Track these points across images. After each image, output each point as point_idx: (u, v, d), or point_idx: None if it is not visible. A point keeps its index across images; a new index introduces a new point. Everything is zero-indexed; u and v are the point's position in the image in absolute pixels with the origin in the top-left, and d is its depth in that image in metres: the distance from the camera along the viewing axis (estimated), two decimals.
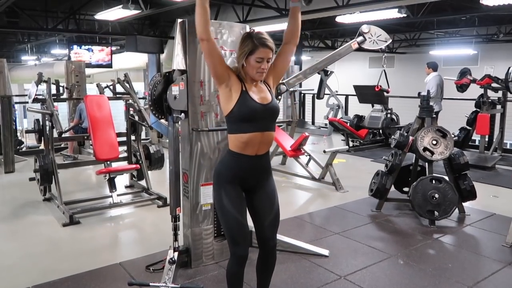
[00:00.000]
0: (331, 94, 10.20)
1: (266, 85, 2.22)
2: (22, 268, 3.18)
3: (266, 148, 2.19)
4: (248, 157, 2.13)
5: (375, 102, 8.59)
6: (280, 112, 11.62)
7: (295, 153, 5.77)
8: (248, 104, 2.07)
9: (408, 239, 3.68)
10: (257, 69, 2.08)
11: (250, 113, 2.07)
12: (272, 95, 2.20)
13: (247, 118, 2.08)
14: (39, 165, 4.30)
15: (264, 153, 2.19)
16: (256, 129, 2.09)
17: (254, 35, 2.10)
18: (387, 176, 4.33)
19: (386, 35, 3.26)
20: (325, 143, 8.98)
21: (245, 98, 2.08)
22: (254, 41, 2.07)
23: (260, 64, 2.07)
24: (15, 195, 5.23)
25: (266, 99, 2.15)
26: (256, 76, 2.10)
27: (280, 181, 5.82)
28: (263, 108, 2.11)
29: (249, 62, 2.08)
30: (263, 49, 2.06)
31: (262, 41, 2.07)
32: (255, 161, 2.16)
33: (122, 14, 6.59)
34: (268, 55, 2.08)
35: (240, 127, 2.09)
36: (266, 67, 2.10)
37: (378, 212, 4.37)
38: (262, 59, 2.07)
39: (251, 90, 2.12)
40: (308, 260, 3.23)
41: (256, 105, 2.09)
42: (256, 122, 2.09)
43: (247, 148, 2.11)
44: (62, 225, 4.04)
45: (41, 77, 4.60)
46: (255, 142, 2.10)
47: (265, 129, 2.12)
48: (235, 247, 2.17)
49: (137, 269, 3.09)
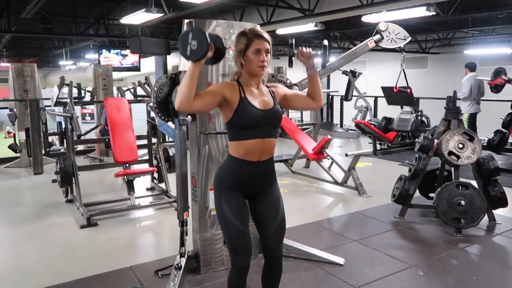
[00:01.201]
0: (359, 96, 9.95)
1: (271, 91, 2.13)
2: (35, 270, 3.22)
3: (269, 155, 2.10)
4: (250, 163, 2.04)
5: (404, 104, 8.29)
6: (307, 113, 11.48)
7: (317, 156, 5.62)
8: (248, 111, 1.99)
9: (430, 249, 3.47)
10: (257, 62, 1.99)
11: (250, 119, 1.99)
12: (275, 101, 2.10)
13: (247, 125, 2.00)
14: (59, 167, 4.38)
15: (266, 159, 2.09)
16: (257, 136, 2.01)
17: (247, 31, 2.03)
18: (411, 181, 4.12)
19: (405, 33, 3.09)
20: (352, 146, 8.75)
21: (244, 104, 1.99)
22: (248, 35, 2.00)
23: (259, 56, 1.98)
24: (40, 196, 5.36)
25: (267, 104, 2.06)
26: (257, 70, 2.01)
27: (302, 185, 5.70)
28: (264, 114, 2.02)
29: (247, 58, 2.00)
30: (258, 40, 1.98)
31: (255, 33, 2.00)
32: (257, 167, 2.07)
33: (145, 18, 6.68)
34: (265, 46, 1.99)
35: (240, 134, 2.01)
36: (266, 59, 2.00)
37: (401, 218, 4.16)
38: (259, 50, 1.98)
39: (250, 95, 2.03)
40: (322, 268, 3.09)
41: (256, 111, 2.00)
42: (257, 128, 2.00)
43: (248, 155, 2.03)
44: (80, 227, 4.08)
45: (63, 80, 4.70)
46: (256, 149, 2.02)
47: (266, 135, 2.03)
48: (235, 256, 2.08)
49: (146, 273, 3.06)
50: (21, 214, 4.57)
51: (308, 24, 7.80)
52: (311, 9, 7.00)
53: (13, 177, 6.47)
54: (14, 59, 17.55)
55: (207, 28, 2.79)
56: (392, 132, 8.02)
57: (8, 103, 7.35)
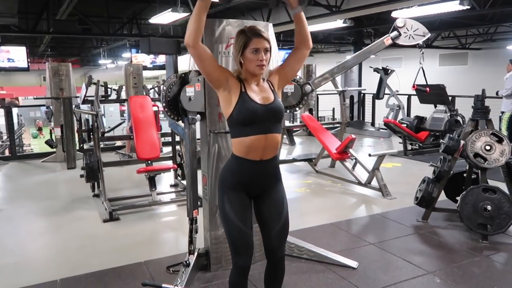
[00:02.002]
0: (391, 94, 9.66)
1: (270, 84, 2.10)
2: (56, 262, 3.36)
3: (272, 153, 2.06)
4: (252, 162, 2.02)
5: (438, 102, 7.97)
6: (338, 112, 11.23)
7: (341, 156, 5.52)
8: (248, 106, 1.96)
9: (452, 255, 3.32)
10: (256, 61, 1.97)
11: (250, 115, 1.96)
12: (276, 95, 2.07)
13: (247, 121, 1.97)
14: (85, 162, 4.53)
15: (269, 158, 2.06)
16: (258, 132, 1.98)
17: (246, 29, 2.01)
18: (434, 183, 3.95)
19: (424, 29, 2.95)
20: (382, 146, 8.52)
21: (244, 99, 1.97)
22: (247, 34, 1.98)
23: (257, 55, 1.96)
24: (71, 190, 5.59)
25: (268, 99, 2.03)
26: (256, 69, 1.99)
27: (324, 185, 5.61)
28: (264, 108, 1.99)
29: (246, 56, 1.99)
30: (256, 39, 1.96)
31: (254, 32, 1.98)
32: (260, 166, 2.04)
33: (173, 17, 6.78)
34: (264, 45, 1.97)
35: (241, 130, 1.99)
36: (265, 58, 1.98)
37: (424, 222, 4.01)
38: (257, 49, 1.96)
39: (251, 90, 2.01)
40: (333, 271, 3.03)
41: (256, 106, 1.97)
42: (258, 124, 1.97)
43: (250, 153, 2.00)
44: (103, 221, 4.22)
45: (91, 79, 4.86)
46: (258, 146, 1.99)
47: (268, 131, 1.99)
48: (236, 257, 2.07)
49: (158, 269, 3.11)
50: (51, 206, 4.78)
51: (337, 21, 7.66)
52: (338, 6, 6.86)
53: (49, 171, 6.78)
54: (58, 58, 18.35)
55: (217, 28, 2.79)
56: (424, 131, 7.74)
57: (46, 100, 7.70)
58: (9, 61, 8.51)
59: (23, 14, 7.99)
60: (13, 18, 6.71)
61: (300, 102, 3.14)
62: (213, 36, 2.79)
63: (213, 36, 2.78)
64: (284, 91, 3.04)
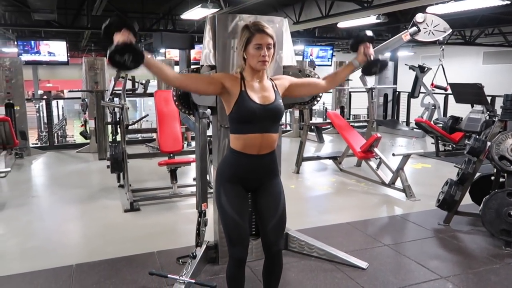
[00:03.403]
0: (427, 92, 9.34)
1: (274, 85, 2.10)
2: (75, 247, 3.52)
3: (269, 149, 2.08)
4: (249, 156, 2.04)
5: (475, 102, 7.60)
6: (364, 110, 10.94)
7: (365, 155, 5.41)
8: (246, 105, 1.99)
9: (470, 261, 3.18)
10: (258, 57, 1.97)
11: (248, 114, 1.99)
12: (277, 96, 2.07)
13: (245, 119, 2.00)
14: (110, 154, 4.70)
15: (266, 152, 2.07)
16: (255, 131, 2.01)
17: (250, 24, 2.02)
18: (458, 185, 3.79)
19: (445, 25, 2.83)
20: (414, 146, 8.26)
21: (243, 98, 2.00)
22: (250, 29, 1.99)
23: (260, 51, 1.97)
24: (99, 180, 5.81)
25: (268, 98, 2.04)
26: (258, 65, 1.99)
27: (348, 183, 5.52)
28: (263, 109, 2.00)
29: (248, 52, 2.00)
30: (259, 34, 1.96)
31: (257, 27, 1.98)
32: (257, 160, 2.06)
33: (203, 13, 6.87)
34: (267, 41, 1.97)
35: (239, 127, 2.03)
36: (268, 54, 1.98)
37: (446, 226, 3.86)
38: (260, 45, 1.96)
39: (251, 89, 2.03)
40: (342, 271, 2.98)
41: (255, 105, 1.99)
42: (255, 123, 2.00)
43: (246, 148, 2.03)
44: (124, 211, 4.36)
45: (119, 73, 5.01)
46: (254, 143, 2.02)
47: (264, 131, 2.02)
48: (232, 248, 2.11)
49: (169, 259, 3.18)
50: (78, 195, 5.00)
51: (370, 17, 7.47)
52: (370, 1, 6.69)
53: (82, 161, 7.08)
54: (101, 53, 19.01)
55: (230, 23, 2.80)
56: (459, 132, 7.42)
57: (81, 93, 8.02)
58: (50, 55, 8.93)
59: (63, 10, 8.36)
60: (52, 13, 7.03)
61: (314, 99, 3.10)
62: (226, 31, 2.80)
63: (226, 31, 2.80)
64: None
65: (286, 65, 2.98)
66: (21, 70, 7.39)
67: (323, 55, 12.00)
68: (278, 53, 2.90)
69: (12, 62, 7.26)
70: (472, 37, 13.09)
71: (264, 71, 2.07)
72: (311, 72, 3.07)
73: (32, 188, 5.47)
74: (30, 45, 8.82)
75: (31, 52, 8.85)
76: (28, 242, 3.61)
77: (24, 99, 7.53)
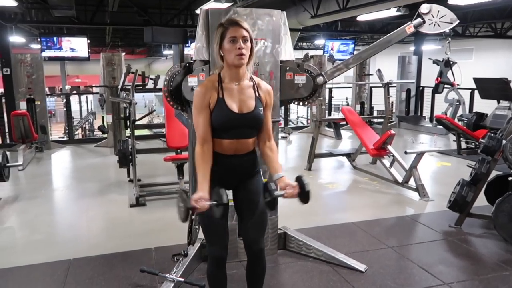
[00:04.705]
0: (451, 88, 8.97)
1: (256, 90, 2.00)
2: (76, 241, 3.55)
3: (246, 151, 2.02)
4: (226, 156, 2.00)
5: (500, 97, 7.24)
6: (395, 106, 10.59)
7: (378, 152, 5.23)
8: (223, 114, 1.93)
9: (477, 266, 3.00)
10: (234, 50, 1.88)
11: (224, 123, 1.94)
12: (257, 103, 1.98)
13: (222, 128, 1.95)
14: (118, 149, 4.73)
15: (244, 153, 2.01)
16: (232, 137, 1.96)
17: (223, 21, 1.94)
18: (470, 186, 3.60)
19: (452, 16, 2.66)
20: (435, 143, 7.96)
21: (220, 107, 1.93)
22: (224, 24, 1.92)
23: (235, 44, 1.88)
24: (111, 174, 5.88)
25: (247, 106, 1.96)
26: (235, 59, 1.90)
27: (359, 182, 5.36)
28: (241, 118, 1.95)
29: (224, 48, 1.92)
30: (232, 27, 1.89)
31: (230, 21, 1.92)
32: (235, 160, 2.01)
33: (216, 7, 6.82)
34: (241, 33, 1.88)
35: (216, 133, 1.97)
36: (244, 47, 1.88)
37: (457, 229, 3.67)
38: (234, 38, 1.88)
39: (228, 95, 1.95)
40: (339, 273, 2.88)
41: (231, 115, 1.93)
42: (232, 131, 1.95)
43: (223, 151, 2.00)
44: (129, 206, 4.39)
45: (129, 68, 5.03)
46: (230, 148, 1.99)
47: (241, 137, 1.98)
48: (210, 247, 2.07)
49: (164, 256, 3.16)
50: (89, 189, 5.07)
51: (390, 9, 7.22)
52: None
53: (98, 155, 7.20)
54: (127, 49, 19.36)
55: (224, 17, 2.72)
56: (483, 129, 7.08)
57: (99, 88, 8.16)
58: (71, 51, 9.11)
59: (82, 6, 8.49)
60: (70, 10, 7.15)
61: (313, 95, 2.99)
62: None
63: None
64: (295, 82, 2.93)
65: (283, 60, 2.88)
66: (42, 66, 7.57)
67: (344, 49, 11.73)
68: (275, 48, 2.81)
69: (33, 58, 7.45)
70: (503, 30, 12.50)
71: (244, 71, 1.98)
72: (310, 67, 2.96)
73: (46, 181, 5.59)
74: (53, 42, 9.02)
75: (53, 48, 9.05)
76: (32, 235, 3.68)
77: (45, 94, 7.72)
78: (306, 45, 20.40)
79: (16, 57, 7.40)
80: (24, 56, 7.40)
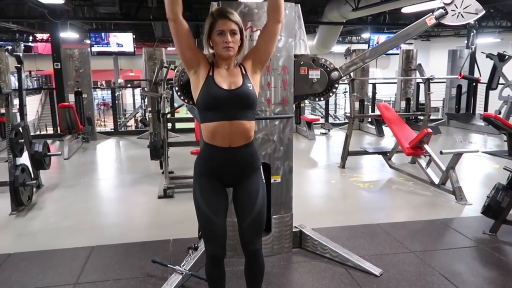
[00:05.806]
0: (507, 84, 8.35)
1: (242, 68, 1.98)
2: (101, 229, 3.70)
3: (242, 140, 1.96)
4: (220, 148, 1.95)
5: None
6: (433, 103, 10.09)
7: (414, 151, 4.99)
8: (211, 91, 1.89)
9: (506, 278, 2.77)
10: (222, 43, 1.88)
11: (211, 100, 1.90)
12: (245, 80, 1.94)
13: (209, 106, 1.91)
14: (149, 141, 4.86)
15: (240, 145, 1.96)
16: (222, 118, 1.90)
17: (214, 10, 1.91)
18: (506, 191, 3.33)
19: (478, 6, 2.45)
20: (485, 143, 7.46)
21: (209, 84, 1.91)
22: (213, 15, 1.90)
23: (223, 37, 1.87)
24: (146, 166, 6.05)
25: (235, 83, 1.92)
26: (223, 52, 1.89)
27: (394, 181, 5.16)
28: (228, 94, 1.89)
29: (213, 39, 1.92)
30: (221, 20, 1.87)
31: (219, 13, 1.90)
32: (230, 154, 1.96)
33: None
34: (230, 27, 1.87)
35: (206, 115, 1.94)
36: (231, 40, 1.88)
37: (492, 236, 3.42)
38: (222, 31, 1.87)
39: (218, 75, 1.93)
40: (352, 276, 2.78)
41: (219, 91, 1.89)
42: (220, 110, 1.90)
43: (216, 139, 1.94)
44: (158, 197, 4.51)
45: (162, 63, 5.16)
46: (223, 132, 1.91)
47: (233, 118, 1.90)
48: (206, 245, 2.05)
49: (180, 248, 3.20)
50: (125, 179, 5.28)
51: (436, 1, 6.80)
52: None
53: (139, 147, 7.46)
54: (165, 44, 19.80)
55: (235, 10, 2.69)
56: None
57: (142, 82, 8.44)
58: (118, 46, 9.49)
59: (127, 2, 8.78)
60: (113, 6, 7.43)
61: (330, 90, 2.89)
62: None
63: None
64: (309, 77, 2.84)
65: (298, 54, 2.80)
66: (89, 60, 7.96)
67: None
68: (288, 42, 2.75)
69: (80, 52, 7.85)
70: None
71: (233, 60, 1.97)
72: (326, 62, 2.86)
73: (87, 171, 5.87)
74: (101, 37, 9.44)
75: (102, 43, 9.48)
76: (64, 221, 3.88)
77: (91, 87, 8.11)
78: (356, 39, 19.87)
79: (65, 52, 7.83)
80: (72, 51, 7.81)
